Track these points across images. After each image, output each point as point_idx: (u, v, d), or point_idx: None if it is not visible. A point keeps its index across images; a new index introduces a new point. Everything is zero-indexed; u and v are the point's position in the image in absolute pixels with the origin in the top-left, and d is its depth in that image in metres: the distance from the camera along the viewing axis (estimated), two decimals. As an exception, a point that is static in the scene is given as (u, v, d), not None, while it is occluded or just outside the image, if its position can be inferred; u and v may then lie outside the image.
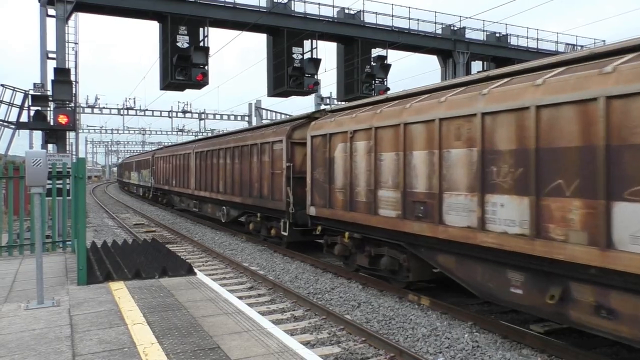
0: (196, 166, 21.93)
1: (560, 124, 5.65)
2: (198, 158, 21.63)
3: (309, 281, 10.38)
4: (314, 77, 19.44)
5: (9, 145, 16.54)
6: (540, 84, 5.96)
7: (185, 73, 17.08)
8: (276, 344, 4.60)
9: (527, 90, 6.11)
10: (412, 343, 6.72)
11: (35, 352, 4.34)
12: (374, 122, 9.05)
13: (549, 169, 5.76)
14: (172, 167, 26.80)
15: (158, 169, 30.76)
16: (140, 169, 37.11)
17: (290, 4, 19.54)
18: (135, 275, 7.35)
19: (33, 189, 5.90)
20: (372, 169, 9.06)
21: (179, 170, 25.14)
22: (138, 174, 39.24)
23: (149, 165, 33.56)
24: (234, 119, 40.93)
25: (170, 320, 5.28)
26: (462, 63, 23.17)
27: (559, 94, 5.65)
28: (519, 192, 6.10)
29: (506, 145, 6.32)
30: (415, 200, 7.99)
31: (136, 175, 40.07)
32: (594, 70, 5.39)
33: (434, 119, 7.56)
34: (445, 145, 7.36)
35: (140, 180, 37.73)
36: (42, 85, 15.99)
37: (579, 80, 5.49)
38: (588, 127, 5.33)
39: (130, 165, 45.02)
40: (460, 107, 7.10)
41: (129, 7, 17.24)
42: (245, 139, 16.18)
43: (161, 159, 29.83)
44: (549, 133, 5.77)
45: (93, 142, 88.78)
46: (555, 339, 6.47)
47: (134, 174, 41.53)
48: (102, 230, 19.40)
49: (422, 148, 7.86)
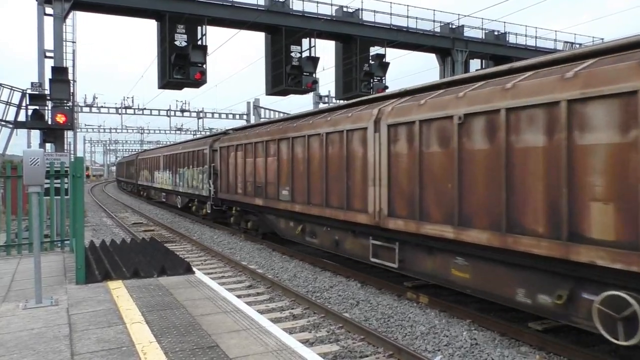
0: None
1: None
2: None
3: (307, 279, 10.39)
4: (313, 75, 19.42)
5: (6, 145, 16.50)
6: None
7: (184, 72, 17.04)
8: (275, 342, 4.60)
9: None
10: (411, 341, 6.73)
11: (34, 352, 4.33)
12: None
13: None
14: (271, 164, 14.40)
15: (226, 166, 17.46)
16: (178, 166, 24.55)
17: (288, 2, 19.52)
18: (133, 275, 7.35)
19: (31, 188, 5.89)
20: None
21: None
22: (172, 174, 25.74)
23: (202, 160, 20.31)
24: (233, 117, 40.94)
25: (169, 319, 5.28)
26: (461, 61, 23.17)
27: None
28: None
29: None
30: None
31: (166, 176, 27.20)
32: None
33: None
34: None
35: (180, 184, 24.00)
36: (39, 84, 15.95)
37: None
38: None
39: (152, 162, 31.43)
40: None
41: (127, 5, 17.20)
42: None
43: (234, 149, 16.52)
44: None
45: (91, 141, 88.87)
46: (554, 336, 6.48)
47: (162, 174, 28.32)
48: (101, 229, 19.38)
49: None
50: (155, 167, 30.20)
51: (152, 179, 31.45)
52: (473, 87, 7.10)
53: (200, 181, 20.05)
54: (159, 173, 29.32)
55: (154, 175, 30.77)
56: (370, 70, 21.05)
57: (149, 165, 32.76)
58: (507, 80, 6.53)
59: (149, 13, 17.63)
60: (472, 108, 6.78)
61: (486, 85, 6.85)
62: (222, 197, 17.60)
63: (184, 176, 23.11)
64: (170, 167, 26.01)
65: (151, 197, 34.68)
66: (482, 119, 6.66)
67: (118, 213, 26.83)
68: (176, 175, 24.77)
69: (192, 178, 21.46)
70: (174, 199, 26.28)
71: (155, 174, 30.52)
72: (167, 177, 26.85)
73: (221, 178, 17.65)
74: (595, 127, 5.30)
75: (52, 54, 16.07)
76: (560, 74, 5.72)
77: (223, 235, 17.34)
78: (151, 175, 31.89)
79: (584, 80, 5.39)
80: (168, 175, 26.65)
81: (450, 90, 7.69)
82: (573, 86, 5.49)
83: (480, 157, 6.68)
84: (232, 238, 16.70)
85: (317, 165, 10.83)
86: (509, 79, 6.56)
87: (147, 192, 35.21)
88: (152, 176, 31.46)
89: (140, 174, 36.32)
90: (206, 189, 18.99)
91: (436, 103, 7.53)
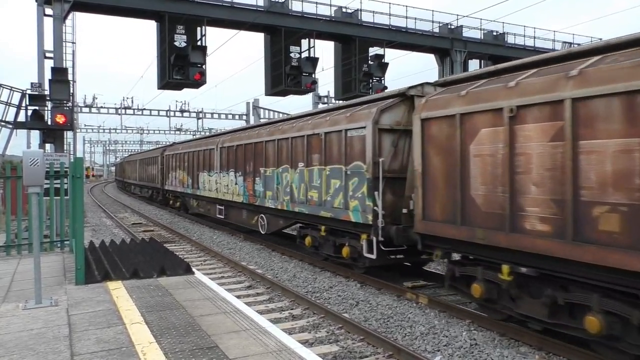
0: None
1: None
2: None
3: (307, 280, 10.39)
4: (312, 76, 19.45)
5: (6, 145, 16.51)
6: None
7: (183, 72, 17.08)
8: (274, 342, 4.61)
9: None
10: (410, 341, 6.74)
11: (34, 352, 4.34)
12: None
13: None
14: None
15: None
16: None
17: (287, 3, 19.55)
18: (133, 275, 7.35)
19: (30, 188, 5.89)
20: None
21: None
22: (248, 177, 15.76)
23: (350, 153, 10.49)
24: (232, 118, 40.96)
25: (169, 319, 5.28)
26: (460, 62, 23.21)
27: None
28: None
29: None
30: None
31: (230, 180, 17.46)
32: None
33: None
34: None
35: (271, 195, 14.21)
36: (39, 85, 15.96)
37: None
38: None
39: (196, 159, 22.07)
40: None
41: (127, 6, 17.23)
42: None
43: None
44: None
45: (91, 141, 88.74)
46: (553, 336, 6.48)
47: (219, 177, 18.77)
48: (100, 229, 19.38)
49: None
50: (203, 165, 20.37)
51: (195, 183, 21.48)
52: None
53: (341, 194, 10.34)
54: (210, 175, 19.46)
55: (199, 178, 20.86)
56: (370, 71, 21.09)
57: (188, 163, 22.56)
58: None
59: (149, 14, 17.65)
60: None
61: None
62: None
63: (277, 182, 13.27)
64: (242, 166, 15.80)
65: (197, 212, 22.55)
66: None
67: (117, 213, 26.82)
68: (255, 179, 14.79)
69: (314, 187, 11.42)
70: (248, 218, 15.83)
71: (202, 177, 20.61)
72: (232, 182, 16.75)
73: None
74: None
75: (51, 55, 16.09)
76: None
77: (222, 236, 17.34)
78: (192, 177, 21.92)
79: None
80: (233, 179, 16.57)
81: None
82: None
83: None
84: (231, 238, 16.70)
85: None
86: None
87: (186, 203, 24.23)
88: (195, 179, 21.53)
89: (171, 175, 26.07)
90: (368, 209, 9.40)
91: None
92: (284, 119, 14.91)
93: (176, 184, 25.05)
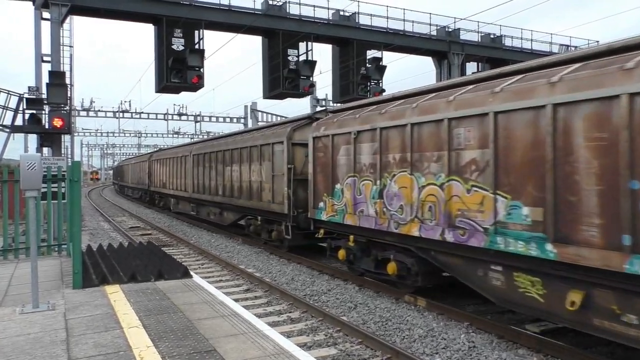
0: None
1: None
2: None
3: (305, 283, 10.38)
4: (310, 79, 19.45)
5: (3, 149, 16.46)
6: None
7: (181, 76, 17.05)
8: (272, 346, 4.60)
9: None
10: (409, 344, 6.73)
11: (31, 357, 4.32)
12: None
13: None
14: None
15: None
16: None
17: (285, 6, 19.56)
18: (131, 279, 7.33)
19: (28, 192, 5.88)
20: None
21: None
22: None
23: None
24: (230, 121, 40.92)
25: (166, 323, 5.27)
26: (457, 64, 23.24)
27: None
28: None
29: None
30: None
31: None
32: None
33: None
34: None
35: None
36: (37, 89, 15.93)
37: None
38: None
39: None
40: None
41: (124, 10, 17.21)
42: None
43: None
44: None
45: (88, 145, 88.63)
46: (551, 338, 6.49)
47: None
48: (98, 233, 19.33)
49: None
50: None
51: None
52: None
53: None
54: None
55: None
56: (367, 74, 21.09)
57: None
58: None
59: (146, 17, 17.64)
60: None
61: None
62: None
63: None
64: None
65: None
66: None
67: (115, 217, 26.76)
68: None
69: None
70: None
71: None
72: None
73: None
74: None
75: (49, 58, 16.07)
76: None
77: (220, 239, 17.31)
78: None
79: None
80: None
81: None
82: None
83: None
84: (229, 241, 16.68)
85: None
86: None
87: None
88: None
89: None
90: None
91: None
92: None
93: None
